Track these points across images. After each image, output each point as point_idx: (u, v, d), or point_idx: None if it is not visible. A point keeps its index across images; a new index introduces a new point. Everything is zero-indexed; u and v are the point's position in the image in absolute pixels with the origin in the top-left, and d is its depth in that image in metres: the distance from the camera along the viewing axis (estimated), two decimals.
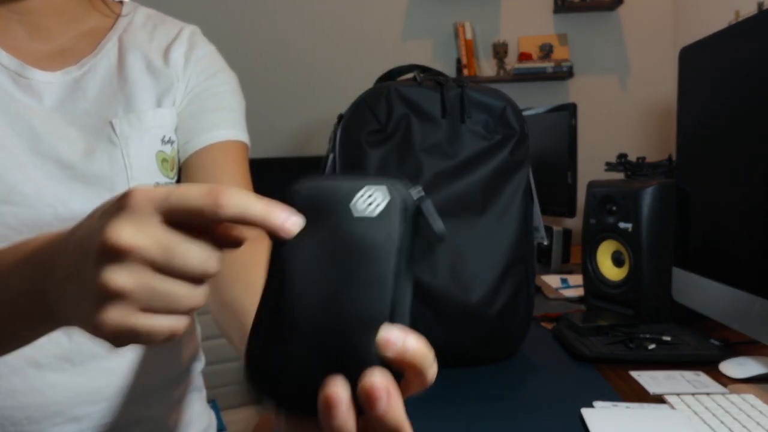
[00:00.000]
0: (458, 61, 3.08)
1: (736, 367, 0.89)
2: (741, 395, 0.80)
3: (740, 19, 1.17)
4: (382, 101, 0.95)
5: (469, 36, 3.07)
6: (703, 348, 0.96)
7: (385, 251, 0.33)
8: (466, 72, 3.04)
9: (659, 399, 0.81)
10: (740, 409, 0.75)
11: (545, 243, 1.05)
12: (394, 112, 0.94)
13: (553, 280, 1.57)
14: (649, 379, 0.87)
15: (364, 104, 0.96)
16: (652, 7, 3.09)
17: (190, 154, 0.74)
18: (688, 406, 0.77)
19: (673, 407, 0.77)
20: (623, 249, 1.19)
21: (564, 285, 1.51)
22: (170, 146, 0.73)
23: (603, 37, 3.11)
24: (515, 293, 0.93)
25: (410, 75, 1.04)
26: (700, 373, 0.89)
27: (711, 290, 0.97)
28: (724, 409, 0.75)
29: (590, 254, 1.26)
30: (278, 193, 0.37)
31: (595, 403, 0.79)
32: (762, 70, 0.86)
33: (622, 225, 1.18)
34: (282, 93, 3.21)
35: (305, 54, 3.21)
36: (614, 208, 1.20)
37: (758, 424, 0.71)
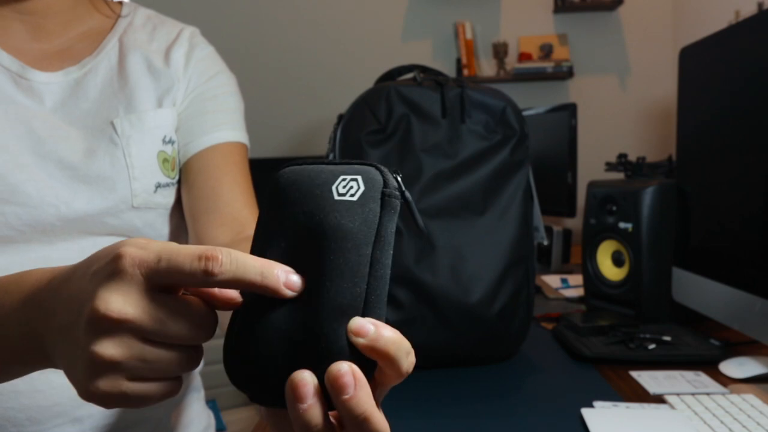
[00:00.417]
0: (458, 61, 3.08)
1: (736, 367, 0.89)
2: (741, 395, 0.80)
3: (740, 19, 1.17)
4: (382, 101, 0.95)
5: (469, 36, 3.08)
6: (703, 348, 0.96)
7: (361, 238, 0.32)
8: (466, 72, 3.04)
9: (659, 399, 0.81)
10: (740, 409, 0.75)
11: (545, 243, 1.05)
12: (394, 112, 0.94)
13: (553, 280, 1.57)
14: (649, 379, 0.87)
15: (364, 104, 0.96)
16: (652, 7, 3.09)
17: (191, 156, 0.75)
18: (688, 406, 0.77)
19: (673, 407, 0.77)
20: (623, 249, 1.19)
21: (564, 285, 1.51)
22: (171, 146, 0.73)
23: (603, 37, 3.11)
24: (515, 293, 0.93)
25: (410, 75, 1.04)
26: (700, 373, 0.89)
27: (711, 290, 0.97)
28: (724, 409, 0.75)
29: (590, 254, 1.26)
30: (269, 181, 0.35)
31: (595, 403, 0.79)
32: (762, 70, 0.86)
33: (622, 225, 1.18)
34: (282, 93, 3.21)
35: (305, 54, 3.21)
36: (614, 208, 1.20)
37: (758, 424, 0.71)
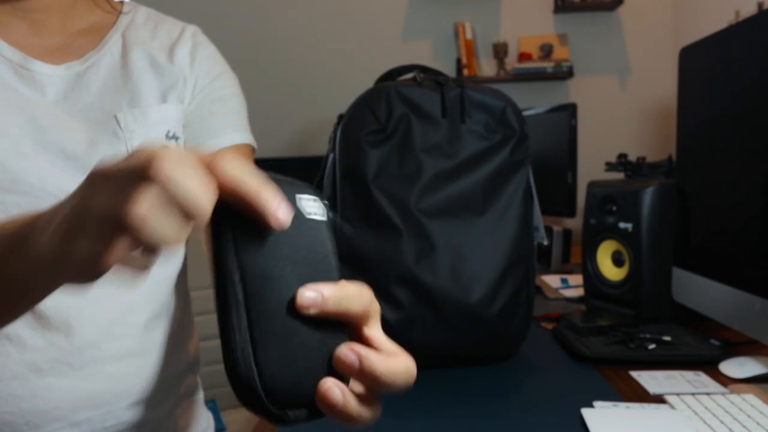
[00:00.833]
0: (458, 61, 3.08)
1: (736, 367, 0.89)
2: (741, 395, 0.80)
3: (740, 19, 1.17)
4: (382, 101, 0.95)
5: (469, 36, 3.07)
6: (703, 348, 0.96)
7: (330, 250, 0.35)
8: (466, 72, 3.04)
9: (659, 399, 0.81)
10: (740, 409, 0.75)
11: (545, 243, 1.05)
12: (394, 112, 0.94)
13: (553, 280, 1.57)
14: (649, 379, 0.87)
15: (364, 104, 0.96)
16: (652, 7, 3.09)
17: None
18: (688, 406, 0.77)
19: (673, 407, 0.77)
20: (623, 249, 1.19)
21: (564, 285, 1.51)
22: (174, 142, 0.73)
23: (603, 37, 3.11)
24: (515, 293, 0.93)
25: (410, 75, 1.04)
26: (700, 373, 0.89)
27: (711, 290, 0.97)
28: (724, 409, 0.75)
29: (590, 254, 1.26)
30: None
31: (595, 403, 0.79)
32: (762, 70, 0.86)
33: (622, 225, 1.18)
34: (282, 93, 3.21)
35: (305, 54, 3.21)
36: (614, 208, 1.20)
37: (758, 424, 0.71)
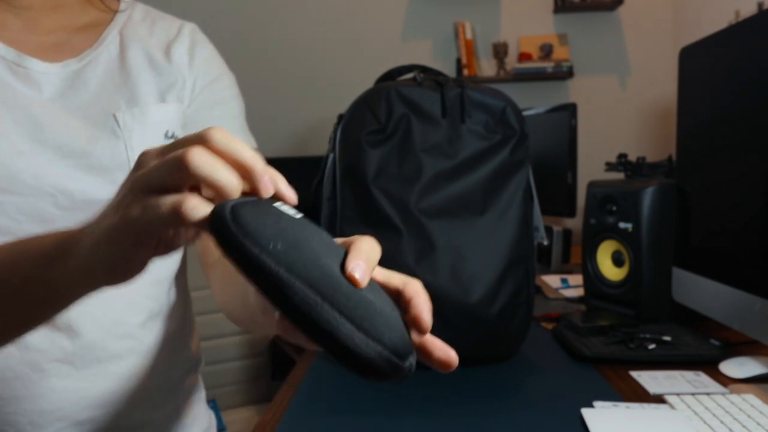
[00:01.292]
0: (458, 61, 3.08)
1: (736, 367, 0.89)
2: (741, 395, 0.80)
3: (740, 19, 1.17)
4: (382, 101, 0.95)
5: (469, 36, 3.07)
6: (703, 348, 0.96)
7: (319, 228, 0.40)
8: (466, 72, 3.04)
9: (659, 399, 0.81)
10: (740, 409, 0.75)
11: (545, 243, 1.05)
12: (394, 112, 0.94)
13: (553, 280, 1.57)
14: (649, 379, 0.87)
15: (364, 104, 0.96)
16: (652, 7, 3.09)
17: None
18: (688, 406, 0.76)
19: (673, 407, 0.77)
20: (623, 249, 1.19)
21: (564, 285, 1.51)
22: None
23: (603, 37, 3.11)
24: (515, 293, 0.93)
25: (410, 75, 1.04)
26: (700, 373, 0.89)
27: (711, 290, 0.97)
28: (724, 409, 0.75)
29: (590, 254, 1.26)
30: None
31: (595, 403, 0.79)
32: (762, 70, 0.86)
33: (622, 225, 1.18)
34: (282, 93, 3.21)
35: (305, 54, 3.21)
36: (614, 208, 1.20)
37: (758, 424, 0.71)
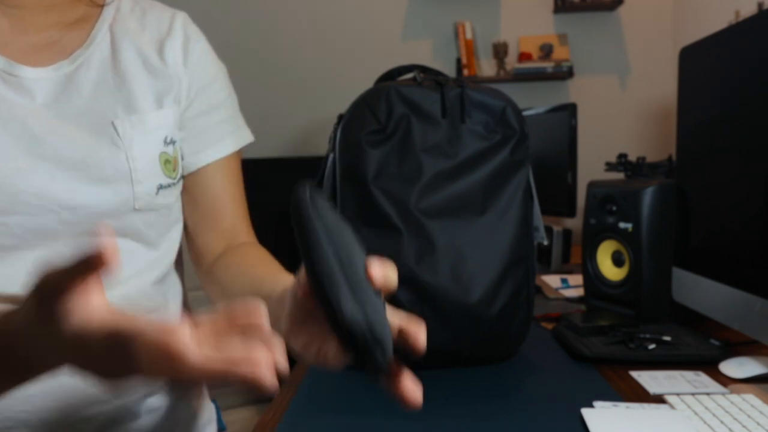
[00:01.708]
0: (458, 61, 3.08)
1: (736, 367, 0.89)
2: (741, 395, 0.80)
3: (740, 19, 1.17)
4: (382, 101, 0.95)
5: (469, 36, 3.07)
6: (703, 348, 0.95)
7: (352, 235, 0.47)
8: (466, 72, 3.04)
9: (659, 399, 0.81)
10: (740, 409, 0.75)
11: (545, 243, 1.05)
12: (394, 112, 0.94)
13: (553, 280, 1.57)
14: (649, 379, 0.87)
15: (364, 104, 0.96)
16: (652, 7, 3.09)
17: (195, 170, 0.78)
18: (688, 406, 0.76)
19: (673, 407, 0.77)
20: (623, 249, 1.19)
21: (564, 285, 1.51)
22: (172, 146, 0.73)
23: (603, 37, 3.11)
24: (515, 293, 0.93)
25: (410, 75, 1.04)
26: (700, 373, 0.89)
27: (711, 290, 0.97)
28: (724, 409, 0.75)
29: (590, 254, 1.26)
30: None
31: (595, 403, 0.79)
32: (762, 70, 0.86)
33: (622, 225, 1.18)
34: (282, 93, 3.21)
35: (305, 54, 3.21)
36: (614, 208, 1.20)
37: (758, 424, 0.71)
